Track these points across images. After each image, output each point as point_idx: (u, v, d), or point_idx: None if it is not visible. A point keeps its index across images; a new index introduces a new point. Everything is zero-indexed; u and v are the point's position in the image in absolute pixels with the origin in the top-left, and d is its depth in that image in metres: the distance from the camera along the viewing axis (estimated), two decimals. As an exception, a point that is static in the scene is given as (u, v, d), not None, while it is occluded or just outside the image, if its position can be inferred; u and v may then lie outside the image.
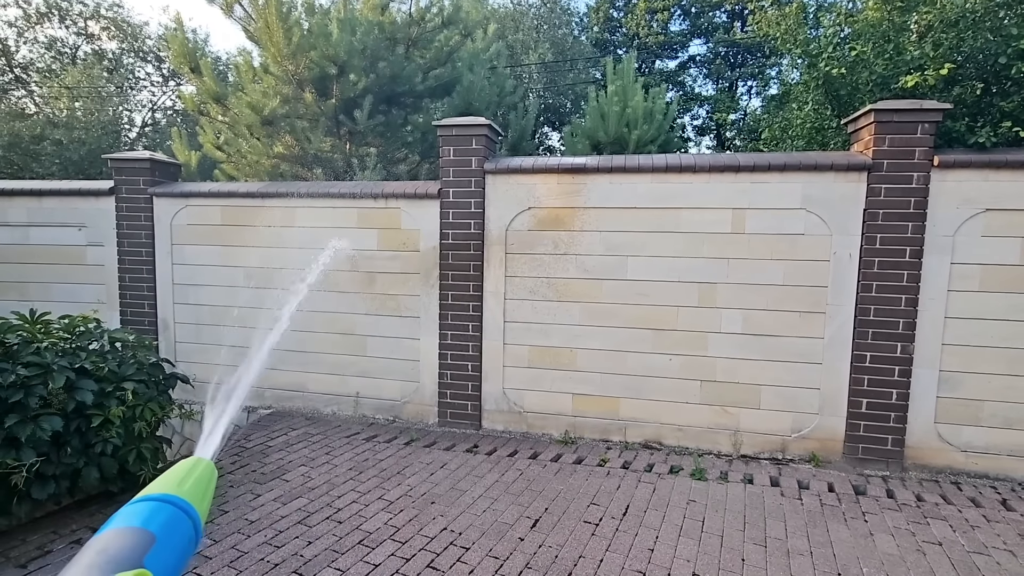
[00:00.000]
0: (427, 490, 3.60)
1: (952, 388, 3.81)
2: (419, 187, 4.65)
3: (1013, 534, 3.14)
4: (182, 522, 0.85)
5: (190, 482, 0.94)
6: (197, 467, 0.98)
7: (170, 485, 0.91)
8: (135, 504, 0.85)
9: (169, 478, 0.93)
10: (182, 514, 0.86)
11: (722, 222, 4.08)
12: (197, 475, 0.96)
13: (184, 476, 0.94)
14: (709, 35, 20.73)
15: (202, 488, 0.95)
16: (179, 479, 0.93)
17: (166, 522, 0.83)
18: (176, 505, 0.86)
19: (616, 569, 2.77)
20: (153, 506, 0.84)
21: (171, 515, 0.84)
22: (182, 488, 0.91)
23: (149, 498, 0.87)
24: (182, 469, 0.96)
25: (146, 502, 0.85)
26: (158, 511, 0.84)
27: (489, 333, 4.58)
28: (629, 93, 5.82)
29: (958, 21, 3.76)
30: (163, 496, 0.87)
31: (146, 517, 0.82)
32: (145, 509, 0.84)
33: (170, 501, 0.87)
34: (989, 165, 3.60)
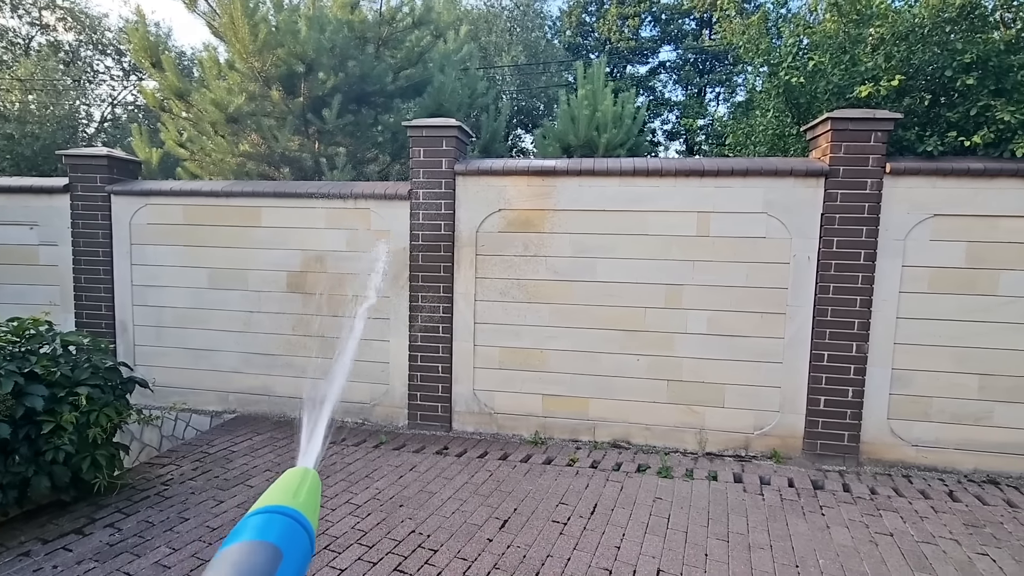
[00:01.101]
0: (396, 493, 3.58)
1: (903, 386, 3.98)
2: (389, 188, 4.62)
3: (959, 524, 3.30)
4: (301, 536, 0.84)
5: (304, 494, 0.92)
6: (307, 478, 0.97)
7: (286, 497, 0.90)
8: (257, 516, 0.84)
9: (283, 489, 0.92)
10: (300, 528, 0.85)
11: (688, 225, 4.17)
12: (308, 486, 0.96)
13: (298, 487, 0.93)
14: (678, 42, 21.17)
15: (314, 500, 0.95)
16: (294, 490, 0.91)
17: (289, 536, 0.82)
18: (295, 519, 0.85)
19: (583, 567, 2.80)
20: (276, 519, 0.83)
21: (292, 529, 0.83)
22: (298, 500, 0.90)
23: (270, 510, 0.85)
24: (293, 480, 0.95)
25: (268, 515, 0.84)
26: (281, 525, 0.83)
27: (459, 335, 4.58)
28: (599, 97, 5.90)
29: (908, 35, 3.94)
30: (283, 509, 0.86)
31: (271, 531, 0.80)
32: (269, 522, 0.82)
33: (290, 515, 0.85)
34: (936, 172, 3.78)
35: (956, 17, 3.89)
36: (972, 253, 3.82)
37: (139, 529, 3.08)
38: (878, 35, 4.07)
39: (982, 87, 3.85)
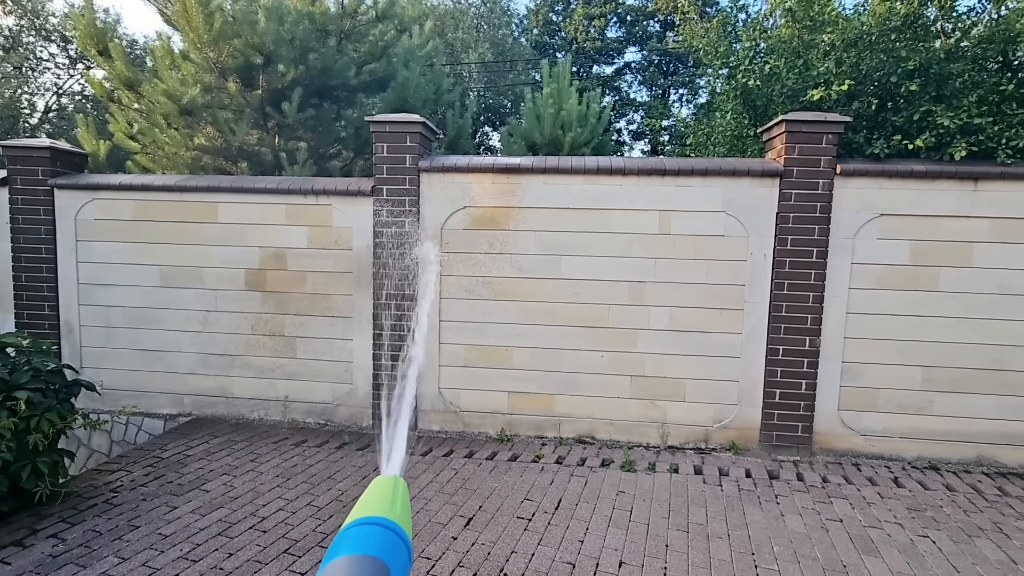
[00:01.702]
0: (359, 494, 3.51)
1: (853, 378, 4.16)
2: (352, 184, 4.54)
3: (903, 508, 3.47)
4: (401, 548, 0.82)
5: (399, 504, 0.90)
6: (398, 487, 0.95)
7: (383, 507, 0.88)
8: (358, 528, 0.82)
9: (378, 499, 0.90)
10: (399, 539, 0.83)
11: (650, 223, 4.24)
12: (401, 496, 0.94)
13: (392, 498, 0.91)
14: (643, 43, 21.50)
15: (407, 509, 0.93)
16: (389, 502, 0.89)
17: (391, 548, 0.80)
18: (393, 530, 0.83)
19: (547, 562, 2.82)
20: (376, 531, 0.82)
21: (392, 541, 0.82)
22: (395, 512, 0.88)
23: (369, 522, 0.83)
24: (386, 489, 0.93)
25: (368, 527, 0.82)
26: (382, 537, 0.81)
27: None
28: (564, 96, 5.94)
29: (857, 41, 4.11)
30: (382, 520, 0.84)
31: (374, 544, 0.79)
32: (371, 535, 0.81)
33: (389, 527, 0.83)
34: (883, 174, 3.96)
35: (900, 26, 4.08)
36: (915, 251, 4.02)
37: (85, 539, 2.94)
38: (829, 41, 4.23)
39: (924, 93, 4.04)
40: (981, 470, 4.05)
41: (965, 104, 3.89)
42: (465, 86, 17.69)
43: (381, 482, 0.95)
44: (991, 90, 3.98)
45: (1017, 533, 3.18)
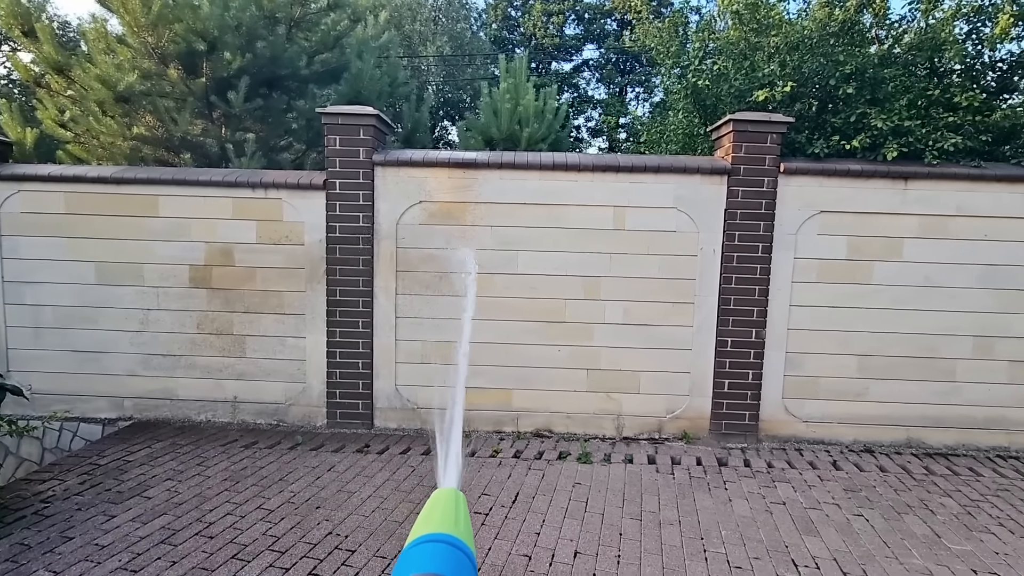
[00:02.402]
0: (312, 495, 3.44)
1: (796, 367, 4.36)
2: (303, 177, 4.41)
3: (840, 490, 3.66)
4: (467, 565, 0.80)
5: (462, 520, 0.88)
6: (460, 501, 0.92)
7: (446, 523, 0.85)
8: (425, 546, 0.80)
9: (441, 515, 0.87)
10: (465, 559, 0.81)
11: (605, 219, 4.31)
12: (464, 510, 0.91)
13: (455, 513, 0.88)
14: (601, 41, 21.78)
15: (468, 523, 0.90)
16: (453, 517, 0.87)
17: (458, 566, 0.78)
18: (460, 549, 0.81)
19: (503, 555, 2.84)
20: (445, 551, 0.80)
21: (460, 560, 0.79)
22: (458, 528, 0.85)
23: (436, 539, 0.81)
24: (448, 504, 0.90)
25: (435, 544, 0.80)
26: (448, 555, 0.79)
27: (380, 329, 4.47)
28: (521, 91, 5.95)
29: (799, 45, 4.29)
30: (449, 539, 0.82)
31: (443, 563, 0.77)
32: (439, 554, 0.78)
33: (456, 545, 0.81)
34: (822, 173, 4.15)
35: (839, 31, 4.28)
36: (852, 246, 4.24)
37: (12, 553, 2.75)
38: (774, 44, 4.40)
39: (860, 96, 4.26)
40: (910, 451, 4.32)
41: (897, 107, 4.13)
42: (423, 80, 17.47)
43: (442, 496, 0.93)
44: (920, 95, 4.23)
45: (941, 509, 3.42)
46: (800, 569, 2.78)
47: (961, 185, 4.12)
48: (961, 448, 4.35)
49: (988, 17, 4.29)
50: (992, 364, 4.25)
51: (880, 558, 2.88)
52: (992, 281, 4.19)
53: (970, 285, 4.20)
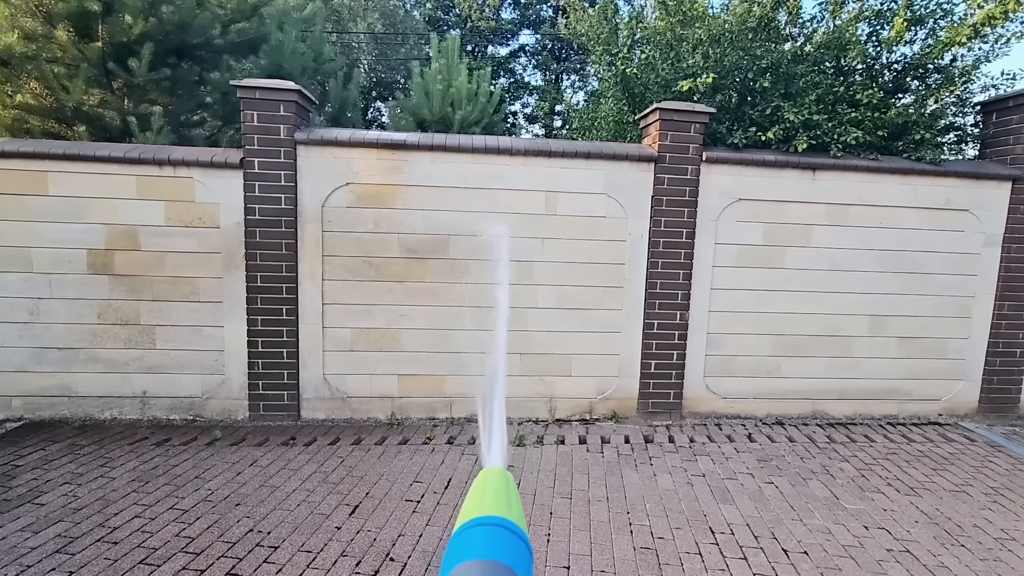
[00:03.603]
0: (232, 492, 3.26)
1: (716, 347, 4.60)
2: (217, 154, 4.11)
3: (754, 460, 3.92)
4: (524, 553, 0.73)
5: (515, 502, 0.81)
6: (509, 482, 0.85)
7: (499, 505, 0.78)
8: (481, 529, 0.73)
9: (493, 497, 0.80)
10: (522, 544, 0.74)
11: (537, 204, 4.32)
12: (514, 492, 0.84)
13: (507, 494, 0.82)
14: (537, 27, 21.74)
15: (521, 507, 0.83)
16: (505, 499, 0.80)
17: (516, 554, 0.71)
18: (516, 534, 0.74)
19: (435, 541, 2.82)
20: (502, 535, 0.73)
21: (516, 546, 0.73)
22: (512, 511, 0.78)
23: (491, 523, 0.74)
24: (498, 485, 0.83)
25: (491, 528, 0.74)
26: (507, 541, 0.73)
27: (306, 317, 4.28)
28: (453, 72, 5.82)
29: (720, 38, 4.46)
30: (503, 521, 0.75)
31: (501, 549, 0.71)
32: (496, 538, 0.72)
33: (512, 529, 0.74)
34: (741, 162, 4.37)
35: (757, 27, 4.49)
36: (767, 233, 4.50)
37: None
38: (697, 36, 4.55)
39: (775, 90, 4.50)
40: (816, 422, 4.69)
41: (807, 102, 4.39)
42: (354, 58, 16.77)
43: (491, 476, 0.87)
44: (827, 91, 4.51)
45: (840, 473, 3.74)
46: (716, 536, 2.95)
47: (862, 176, 4.47)
48: (858, 418, 4.77)
49: (886, 21, 4.64)
50: (885, 341, 4.68)
51: (787, 521, 3.11)
52: (886, 265, 4.59)
53: (869, 268, 4.58)
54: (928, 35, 4.73)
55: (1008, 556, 2.83)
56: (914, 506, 3.32)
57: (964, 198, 4.57)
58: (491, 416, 0.97)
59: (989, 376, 4.77)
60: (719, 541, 2.89)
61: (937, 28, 4.70)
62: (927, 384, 4.76)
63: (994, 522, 3.15)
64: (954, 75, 4.63)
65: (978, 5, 4.40)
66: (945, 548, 2.89)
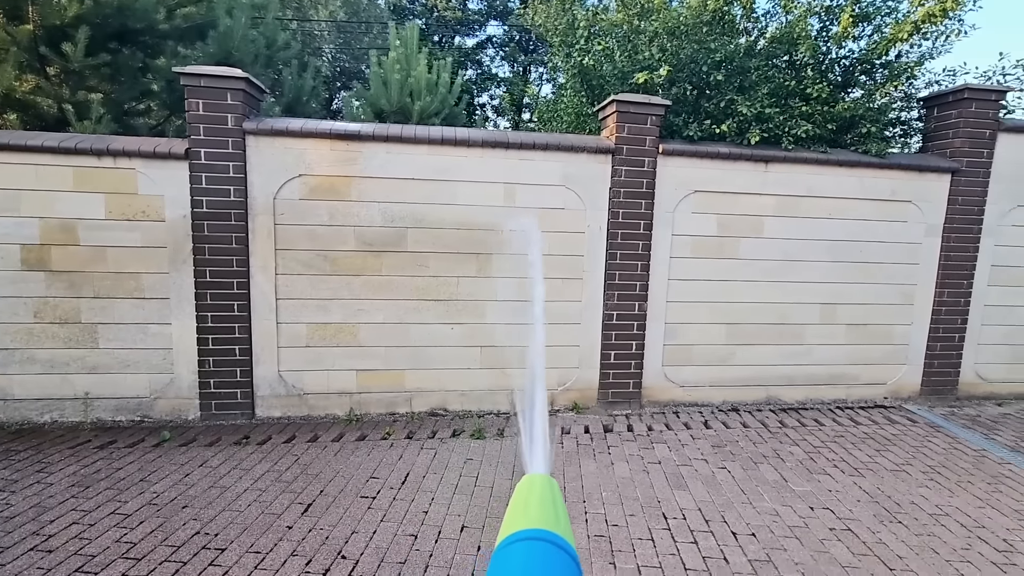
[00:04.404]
0: (179, 494, 3.16)
1: (674, 337, 4.68)
2: (160, 145, 3.94)
3: (708, 446, 4.01)
4: (572, 571, 0.68)
5: (562, 514, 0.76)
6: (555, 491, 0.80)
7: (545, 517, 0.73)
8: (522, 544, 0.68)
9: (538, 508, 0.75)
10: (572, 562, 0.69)
11: (495, 195, 4.30)
12: (560, 502, 0.79)
13: (553, 505, 0.77)
14: (504, 18, 21.57)
15: (568, 519, 0.78)
16: (552, 510, 0.75)
17: (563, 572, 0.67)
18: (564, 549, 0.69)
19: (389, 537, 2.79)
20: (548, 551, 0.68)
21: (564, 563, 0.68)
22: (559, 523, 0.73)
23: (535, 537, 0.69)
24: (544, 494, 0.78)
25: (534, 543, 0.69)
26: (553, 558, 0.68)
27: (259, 312, 4.16)
28: (412, 62, 5.71)
29: (675, 31, 4.50)
30: (549, 536, 0.70)
31: (547, 567, 0.67)
32: (542, 555, 0.68)
33: (559, 544, 0.69)
34: (696, 155, 4.43)
35: (711, 20, 4.55)
36: (721, 224, 4.58)
37: None
38: (653, 29, 4.58)
39: (729, 83, 4.57)
40: (769, 408, 4.83)
41: (759, 95, 4.48)
42: (316, 46, 16.34)
43: (536, 484, 0.81)
44: (779, 85, 4.62)
45: (789, 456, 3.86)
46: (669, 521, 3.01)
47: (811, 169, 4.59)
48: (809, 402, 4.93)
49: (834, 16, 4.76)
50: (834, 328, 4.84)
51: (737, 504, 3.20)
52: (835, 254, 4.73)
53: (818, 258, 4.72)
54: (874, 31, 4.88)
55: (941, 531, 2.97)
56: (857, 486, 3.45)
57: (908, 190, 4.75)
58: (532, 418, 0.94)
59: (930, 360, 4.99)
60: (671, 526, 2.95)
61: (883, 25, 4.86)
62: (873, 369, 4.95)
63: (930, 499, 3.31)
64: (899, 71, 4.80)
65: (919, 3, 4.55)
66: (884, 525, 3.01)
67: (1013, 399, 5.17)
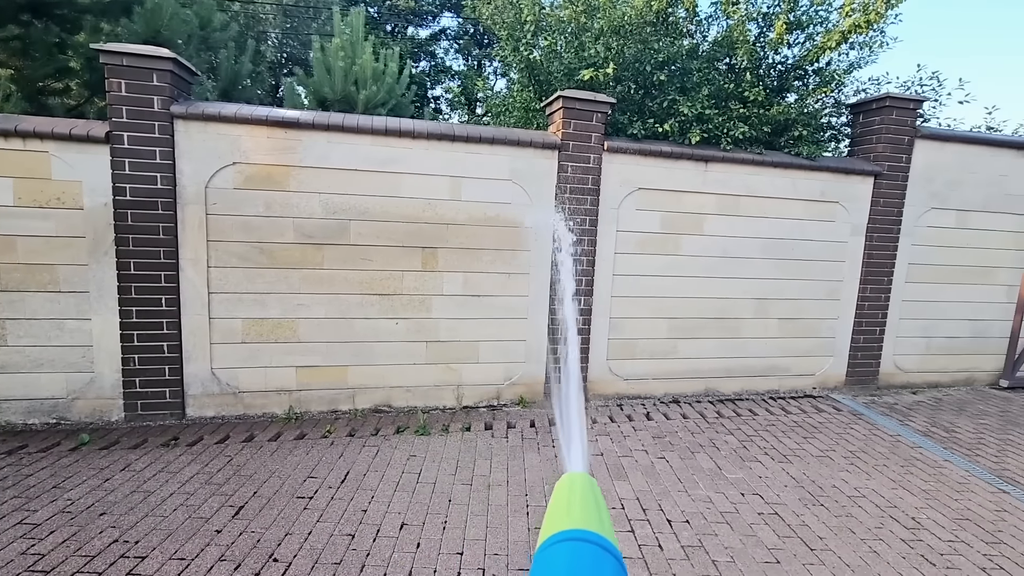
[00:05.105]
0: (97, 500, 2.96)
1: (618, 331, 4.77)
2: (77, 127, 3.66)
3: (649, 437, 4.12)
4: (617, 573, 0.67)
5: (605, 514, 0.75)
6: (596, 490, 0.79)
7: (588, 518, 0.72)
8: (567, 545, 0.67)
9: (580, 508, 0.74)
10: (615, 562, 0.67)
11: (441, 189, 4.24)
12: (602, 501, 0.77)
13: (595, 505, 0.75)
14: (458, 11, 21.33)
15: (609, 518, 0.78)
16: (596, 510, 0.74)
17: (608, 573, 0.66)
18: (609, 551, 0.68)
19: (325, 538, 2.71)
20: (591, 552, 0.67)
21: (609, 565, 0.66)
22: (603, 526, 0.72)
23: (578, 538, 0.68)
24: (585, 494, 0.77)
25: (578, 544, 0.67)
26: (597, 559, 0.66)
27: (190, 307, 3.95)
28: (357, 49, 5.55)
29: (620, 30, 4.56)
30: (593, 536, 0.69)
31: (591, 568, 0.65)
32: (585, 556, 0.66)
33: (603, 546, 0.68)
34: (640, 152, 4.52)
35: (655, 21, 4.64)
36: (664, 221, 4.70)
37: None
38: (599, 27, 4.63)
39: (672, 83, 4.68)
40: (708, 399, 5.01)
41: (700, 97, 4.61)
42: (261, 29, 15.66)
43: (577, 483, 0.78)
44: (719, 87, 4.77)
45: (724, 445, 4.01)
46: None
47: (748, 169, 4.77)
48: (745, 393, 5.15)
49: (771, 23, 4.96)
50: (768, 322, 5.07)
51: (674, 492, 3.30)
52: (769, 252, 4.95)
53: (754, 256, 4.93)
54: (807, 39, 5.11)
55: (858, 512, 3.16)
56: (785, 472, 3.63)
57: (835, 191, 5.01)
58: (569, 417, 0.92)
59: (854, 352, 5.31)
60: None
61: (815, 33, 5.09)
62: (803, 361, 5.22)
63: (849, 482, 3.52)
64: (828, 78, 5.05)
65: (847, 14, 4.80)
66: (807, 508, 3.18)
67: (927, 387, 5.57)
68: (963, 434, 4.39)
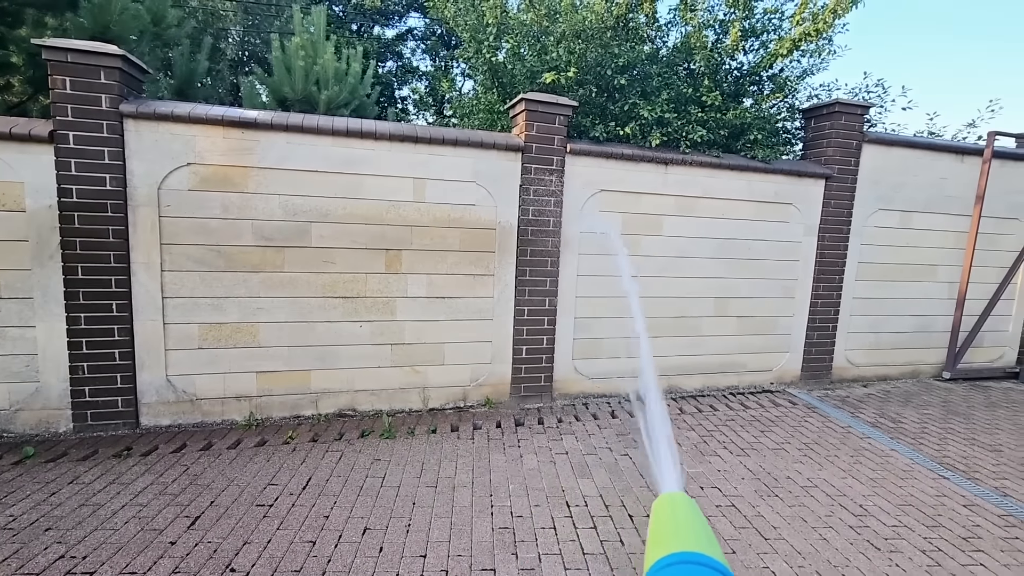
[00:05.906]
0: (42, 515, 2.84)
1: (583, 331, 4.83)
2: (18, 125, 3.50)
3: (614, 435, 4.18)
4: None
5: (712, 536, 0.75)
6: (698, 512, 0.79)
7: (699, 541, 0.73)
8: (681, 568, 0.67)
9: (686, 528, 0.75)
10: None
11: (405, 190, 4.22)
12: (704, 520, 0.77)
13: (702, 526, 0.75)
14: (425, 11, 21.20)
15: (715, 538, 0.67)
16: (704, 532, 0.74)
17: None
18: (722, 573, 0.69)
19: (284, 545, 2.67)
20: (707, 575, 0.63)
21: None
22: (712, 547, 0.73)
23: (692, 561, 0.68)
24: (689, 514, 0.77)
25: (693, 567, 0.67)
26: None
27: (143, 312, 3.82)
28: (319, 49, 5.46)
29: (581, 34, 4.63)
30: (707, 560, 0.69)
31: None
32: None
33: (718, 569, 0.69)
34: (602, 155, 4.59)
35: (615, 25, 4.72)
36: (626, 222, 4.79)
37: None
38: (561, 30, 4.68)
39: (632, 88, 4.78)
40: (670, 396, 5.12)
41: (660, 101, 4.72)
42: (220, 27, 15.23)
43: (679, 504, 0.79)
44: (678, 92, 4.89)
45: (686, 441, 4.11)
46: (572, 509, 3.10)
47: (706, 172, 4.90)
48: (706, 390, 5.28)
49: (727, 30, 5.11)
50: (726, 320, 5.22)
51: (636, 488, 3.36)
52: (726, 252, 5.10)
53: (712, 255, 5.06)
54: (761, 47, 5.30)
55: (810, 501, 3.29)
56: (743, 465, 3.74)
57: (789, 193, 5.20)
58: (656, 434, 0.91)
59: (809, 348, 5.51)
60: (573, 514, 3.05)
61: (768, 41, 5.28)
62: (761, 357, 5.40)
63: (803, 473, 3.66)
64: (782, 83, 5.24)
65: (798, 22, 4.99)
66: (763, 499, 3.29)
67: (876, 380, 5.83)
68: (908, 424, 4.61)
